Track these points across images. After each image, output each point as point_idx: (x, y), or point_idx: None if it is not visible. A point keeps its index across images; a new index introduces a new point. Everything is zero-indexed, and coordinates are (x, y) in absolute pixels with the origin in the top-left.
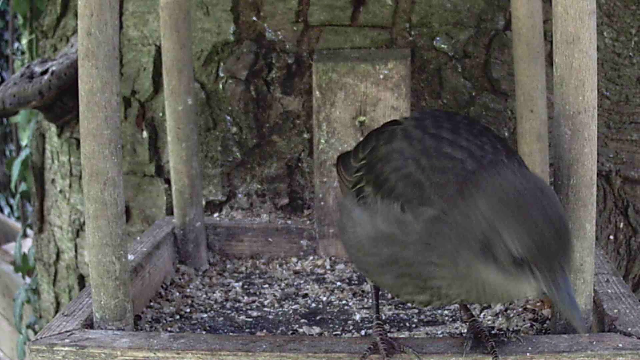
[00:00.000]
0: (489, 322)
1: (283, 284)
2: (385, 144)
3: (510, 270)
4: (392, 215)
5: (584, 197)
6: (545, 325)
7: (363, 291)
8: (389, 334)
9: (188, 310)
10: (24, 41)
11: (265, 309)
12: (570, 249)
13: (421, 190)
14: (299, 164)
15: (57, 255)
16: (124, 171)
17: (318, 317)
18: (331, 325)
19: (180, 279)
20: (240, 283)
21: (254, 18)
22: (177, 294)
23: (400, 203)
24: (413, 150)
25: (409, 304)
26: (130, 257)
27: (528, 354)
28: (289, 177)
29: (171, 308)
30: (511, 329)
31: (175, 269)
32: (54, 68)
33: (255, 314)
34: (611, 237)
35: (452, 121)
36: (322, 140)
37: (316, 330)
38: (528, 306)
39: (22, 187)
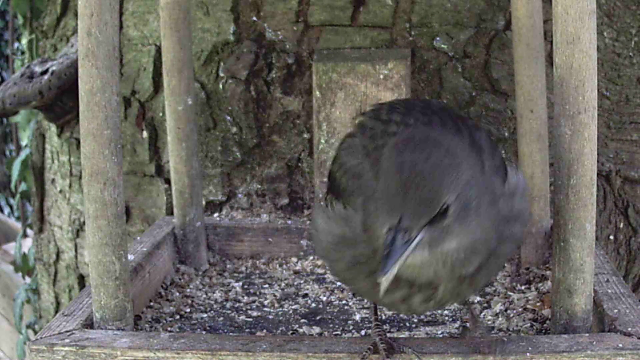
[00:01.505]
0: (489, 322)
1: (283, 284)
2: (340, 144)
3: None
4: (339, 215)
5: (584, 197)
6: (545, 325)
7: None
8: (388, 334)
9: (188, 310)
10: (24, 41)
11: (265, 309)
12: (418, 206)
13: (360, 179)
14: (299, 164)
15: (57, 255)
16: (124, 171)
17: (318, 317)
18: (331, 325)
19: (180, 279)
20: (240, 283)
21: (254, 18)
22: (177, 294)
23: (342, 201)
24: (363, 140)
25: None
26: (130, 257)
27: (528, 354)
28: (289, 177)
29: (171, 308)
30: (511, 329)
31: (175, 269)
32: (54, 68)
33: (255, 314)
34: (611, 237)
35: (408, 105)
36: (322, 140)
37: (316, 330)
38: (528, 306)
39: (22, 187)
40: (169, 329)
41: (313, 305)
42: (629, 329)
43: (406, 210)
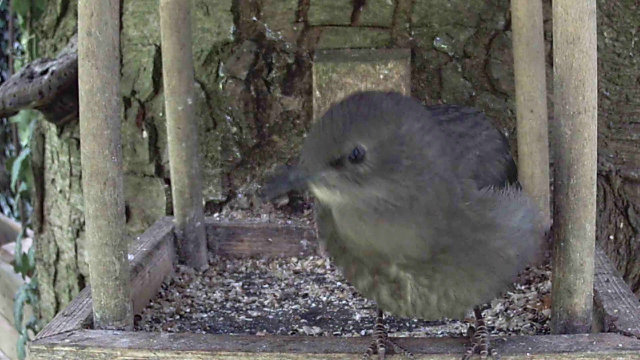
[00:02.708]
0: (489, 322)
1: (283, 284)
2: None
3: None
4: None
5: (584, 197)
6: (545, 325)
7: None
8: (389, 334)
9: (188, 310)
10: (24, 41)
11: (265, 309)
12: (318, 146)
13: None
14: None
15: (57, 255)
16: (124, 171)
17: (318, 317)
18: (331, 325)
19: (180, 279)
20: (240, 283)
21: (254, 18)
22: (177, 294)
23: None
24: None
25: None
26: (130, 257)
27: (528, 354)
28: None
29: (171, 308)
30: (511, 329)
31: (175, 269)
32: (54, 68)
33: (255, 314)
34: (611, 237)
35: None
36: None
37: (316, 330)
38: (528, 306)
39: (22, 187)
40: (169, 329)
41: (313, 305)
42: (629, 329)
43: (308, 151)
